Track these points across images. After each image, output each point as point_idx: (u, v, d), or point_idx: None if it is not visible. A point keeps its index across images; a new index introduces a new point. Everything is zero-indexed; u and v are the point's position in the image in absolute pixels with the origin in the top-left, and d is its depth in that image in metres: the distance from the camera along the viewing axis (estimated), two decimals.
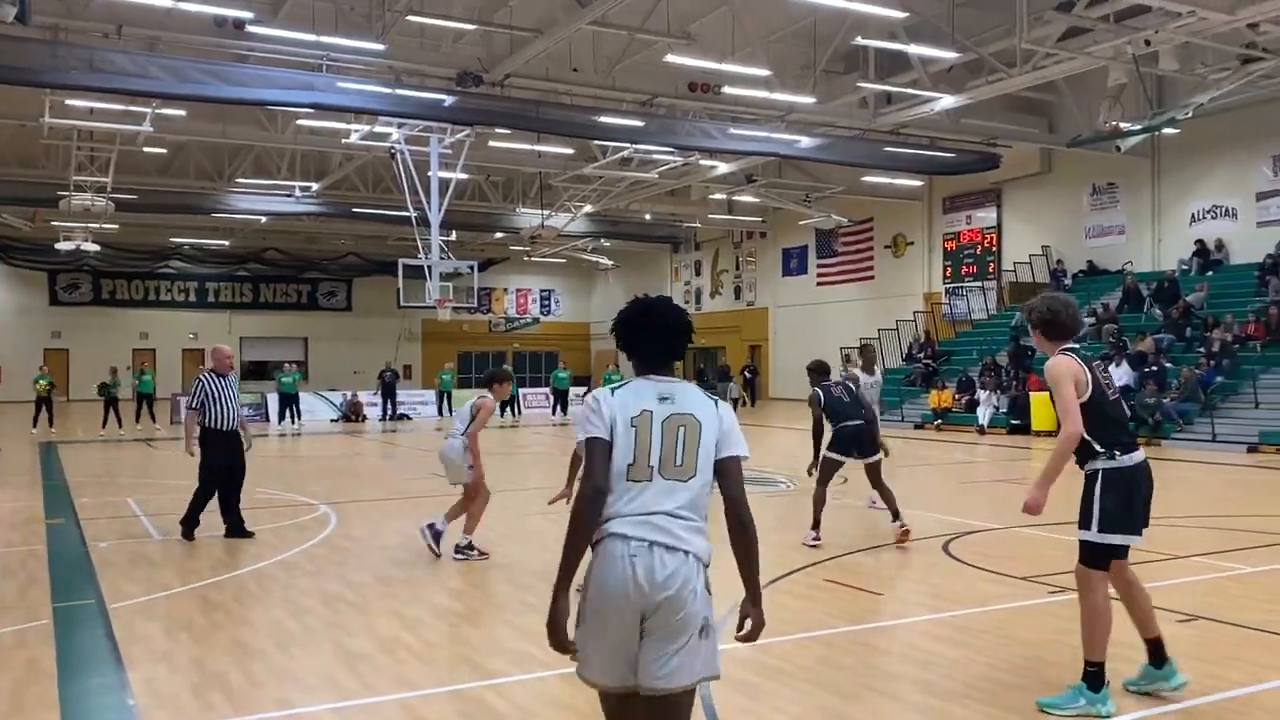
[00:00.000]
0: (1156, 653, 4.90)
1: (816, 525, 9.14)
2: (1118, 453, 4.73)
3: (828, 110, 22.30)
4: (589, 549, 2.95)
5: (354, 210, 33.48)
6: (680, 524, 2.93)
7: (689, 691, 2.94)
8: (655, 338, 3.14)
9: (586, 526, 2.93)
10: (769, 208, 35.81)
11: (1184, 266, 25.08)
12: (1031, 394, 22.13)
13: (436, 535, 8.53)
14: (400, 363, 40.47)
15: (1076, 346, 4.93)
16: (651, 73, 20.60)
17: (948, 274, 32.35)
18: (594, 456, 2.98)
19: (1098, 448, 4.73)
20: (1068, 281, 27.88)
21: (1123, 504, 4.71)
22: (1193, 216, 25.54)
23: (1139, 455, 4.80)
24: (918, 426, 24.50)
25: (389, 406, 30.29)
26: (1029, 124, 26.03)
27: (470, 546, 8.52)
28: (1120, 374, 20.00)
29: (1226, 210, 24.86)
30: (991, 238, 30.90)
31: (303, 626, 6.45)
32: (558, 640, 2.89)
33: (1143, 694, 4.92)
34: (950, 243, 32.33)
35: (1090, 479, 4.78)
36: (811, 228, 36.18)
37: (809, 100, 21.18)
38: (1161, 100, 23.17)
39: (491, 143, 27.14)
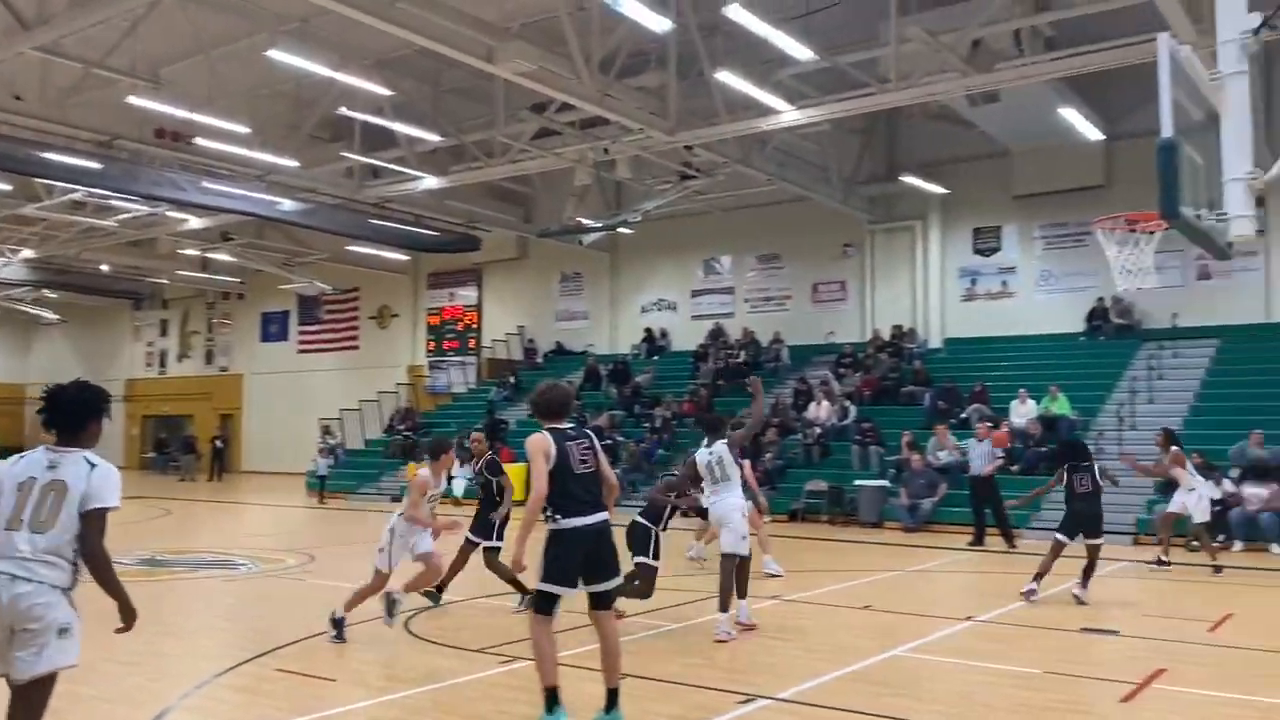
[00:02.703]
0: (610, 700, 5.64)
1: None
2: (559, 517, 5.56)
3: (312, 176, 21.89)
4: None
5: None
6: (38, 563, 4.00)
7: (51, 676, 4.02)
8: (62, 416, 4.22)
9: None
10: (248, 269, 34.04)
11: (635, 351, 28.15)
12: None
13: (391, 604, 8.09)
14: None
15: (563, 426, 5.77)
16: (113, 112, 18.70)
17: (431, 347, 33.09)
18: None
19: (549, 511, 5.59)
20: (540, 360, 29.91)
21: (558, 559, 5.55)
22: (643, 307, 28.83)
23: (582, 520, 5.56)
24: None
25: None
26: (507, 211, 27.73)
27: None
28: None
29: (669, 304, 28.44)
30: (473, 315, 32.23)
31: None
32: None
33: None
34: (434, 317, 33.15)
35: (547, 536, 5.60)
36: (294, 293, 35.05)
37: (293, 164, 20.64)
38: (619, 203, 26.04)
39: None
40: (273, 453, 35.17)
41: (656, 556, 8.94)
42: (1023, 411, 19.30)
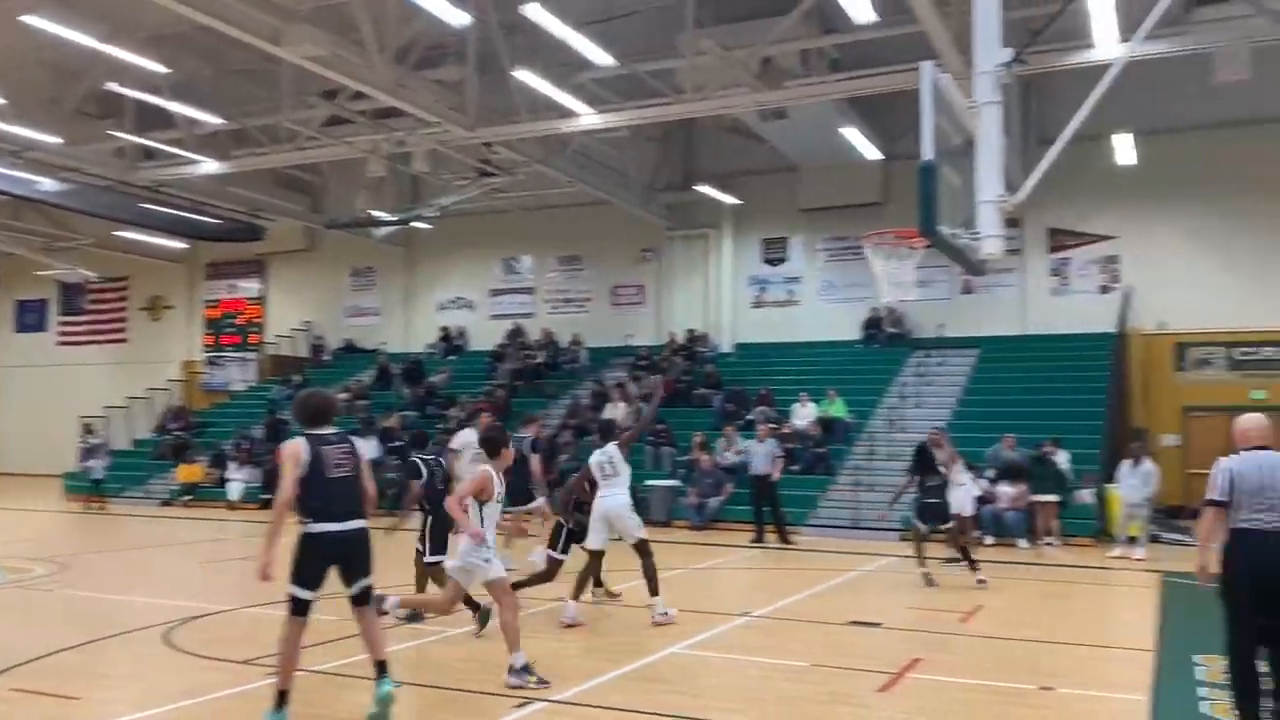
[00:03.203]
0: (380, 670, 5.70)
1: None
2: (309, 521, 5.55)
3: (77, 154, 20.29)
4: None
5: None
6: None
7: None
8: None
9: None
10: (0, 252, 31.06)
11: (431, 350, 27.55)
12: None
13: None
14: None
15: (322, 431, 5.73)
16: None
17: (208, 342, 31.26)
18: None
19: (299, 515, 5.56)
20: (327, 357, 28.82)
21: (305, 563, 5.54)
22: (440, 305, 28.27)
23: (334, 526, 5.57)
24: (165, 503, 22.92)
25: None
26: (294, 200, 26.55)
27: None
28: (370, 447, 21.05)
29: (467, 302, 28.02)
30: (256, 309, 30.68)
31: None
32: None
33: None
34: (213, 310, 31.34)
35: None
36: (54, 280, 32.24)
37: (54, 140, 19.05)
38: (416, 197, 25.46)
39: None
40: (26, 453, 32.22)
41: (565, 551, 9.64)
42: (804, 414, 20.18)
